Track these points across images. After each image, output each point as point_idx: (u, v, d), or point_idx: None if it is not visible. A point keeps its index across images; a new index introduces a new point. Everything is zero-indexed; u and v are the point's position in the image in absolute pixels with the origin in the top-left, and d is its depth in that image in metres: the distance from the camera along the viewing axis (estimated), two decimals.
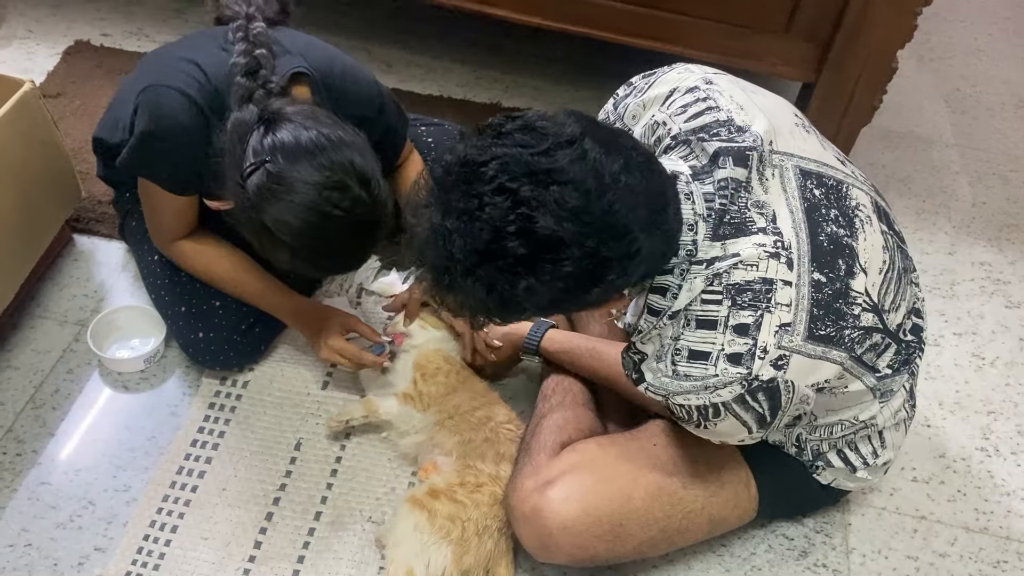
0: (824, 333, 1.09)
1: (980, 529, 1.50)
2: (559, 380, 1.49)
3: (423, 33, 2.29)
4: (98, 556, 1.33)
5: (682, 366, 1.10)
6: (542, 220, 0.92)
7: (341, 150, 1.22)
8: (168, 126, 1.33)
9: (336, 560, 1.36)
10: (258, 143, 1.22)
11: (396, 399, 1.46)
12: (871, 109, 1.97)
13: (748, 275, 1.07)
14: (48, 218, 1.64)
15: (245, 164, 1.22)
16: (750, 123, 1.14)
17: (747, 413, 1.11)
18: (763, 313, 1.06)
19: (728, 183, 1.09)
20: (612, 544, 1.25)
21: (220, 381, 1.56)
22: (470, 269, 0.96)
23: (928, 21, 2.34)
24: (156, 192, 1.42)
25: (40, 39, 2.18)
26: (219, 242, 1.50)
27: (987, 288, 1.91)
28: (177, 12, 2.29)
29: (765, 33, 1.91)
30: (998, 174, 2.20)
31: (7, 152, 1.46)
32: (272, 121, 1.24)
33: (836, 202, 1.15)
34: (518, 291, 0.96)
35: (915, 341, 1.25)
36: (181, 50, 1.40)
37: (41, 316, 1.62)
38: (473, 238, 0.94)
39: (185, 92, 1.32)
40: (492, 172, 0.93)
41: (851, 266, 1.12)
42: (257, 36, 1.32)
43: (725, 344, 1.07)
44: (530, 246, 0.93)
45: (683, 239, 1.08)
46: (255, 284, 1.50)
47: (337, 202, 1.20)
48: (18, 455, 1.44)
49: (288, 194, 1.20)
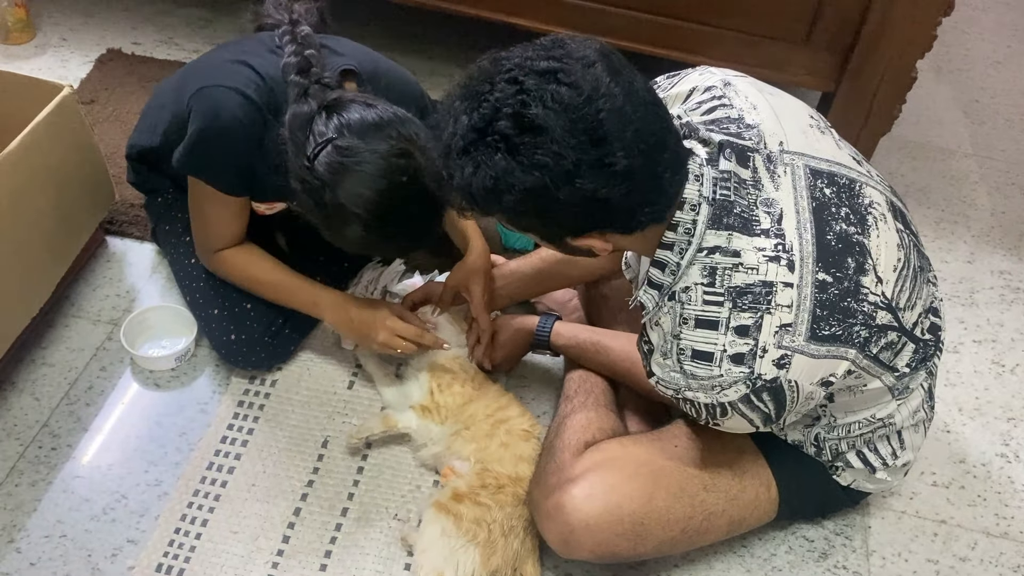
0: (828, 333, 1.10)
1: (1000, 534, 1.51)
2: (581, 381, 1.51)
3: (446, 43, 2.33)
4: (130, 548, 1.36)
5: (688, 366, 1.12)
6: (534, 107, 0.97)
7: (404, 124, 1.28)
8: (227, 123, 1.36)
9: (363, 555, 1.38)
10: (323, 125, 1.27)
11: (415, 412, 1.47)
12: (891, 119, 1.99)
13: (748, 278, 1.09)
14: (83, 220, 1.68)
15: (311, 146, 1.26)
16: (760, 122, 1.17)
17: (753, 412, 1.14)
18: (763, 315, 1.08)
19: (731, 176, 1.11)
20: (633, 542, 1.27)
21: (249, 380, 1.59)
22: (465, 148, 1.00)
23: (947, 33, 2.37)
24: (209, 198, 1.44)
25: (74, 47, 2.24)
26: (258, 249, 1.53)
27: (1007, 296, 1.92)
28: (207, 22, 2.34)
29: (785, 43, 1.93)
30: (1017, 184, 2.21)
31: (46, 155, 1.50)
32: (333, 106, 1.29)
33: (848, 200, 1.16)
34: (497, 170, 0.99)
35: (932, 340, 1.26)
36: (229, 54, 1.44)
37: (75, 315, 1.66)
38: (475, 117, 0.99)
39: (242, 91, 1.36)
40: (509, 66, 1.00)
41: (862, 264, 1.13)
42: (306, 38, 1.36)
43: (727, 345, 1.09)
44: (516, 127, 0.97)
45: (683, 216, 1.10)
46: (295, 283, 1.52)
47: (404, 169, 1.26)
48: (53, 449, 1.47)
49: (359, 165, 1.25)
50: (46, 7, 2.33)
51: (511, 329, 1.57)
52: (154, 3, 2.39)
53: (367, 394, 1.59)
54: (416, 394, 1.50)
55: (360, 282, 1.75)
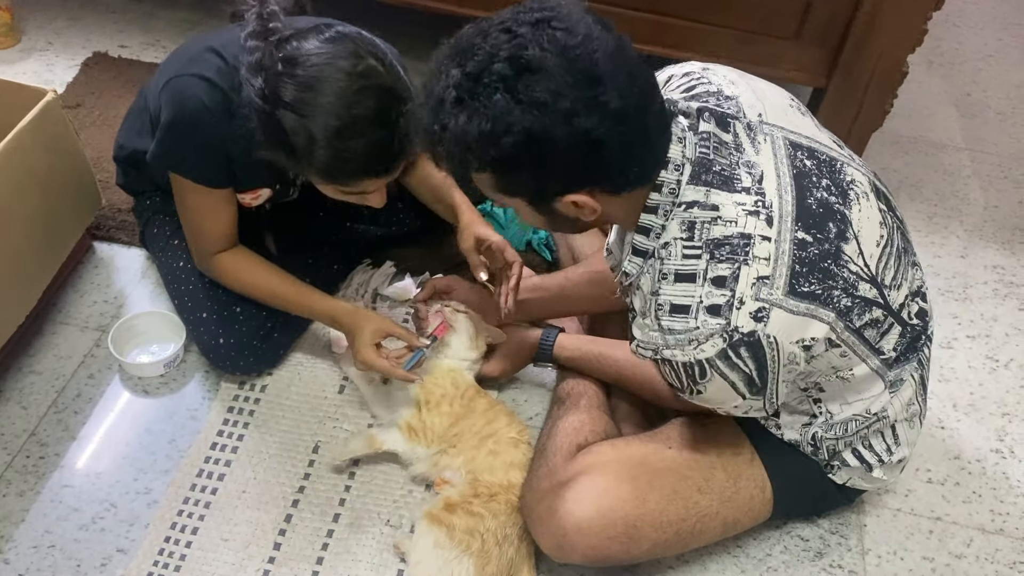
0: (808, 290, 1.09)
1: (996, 530, 1.50)
2: (574, 384, 1.50)
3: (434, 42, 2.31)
4: (120, 557, 1.35)
5: (665, 320, 1.11)
6: (531, 49, 0.98)
7: (360, 36, 1.27)
8: (192, 110, 1.34)
9: (354, 562, 1.37)
10: (273, 55, 1.25)
11: (400, 433, 1.44)
12: (882, 114, 1.98)
13: (727, 230, 1.09)
14: (69, 226, 1.67)
15: (262, 76, 1.24)
16: (738, 95, 1.18)
17: (733, 372, 1.11)
18: (740, 266, 1.08)
19: (711, 136, 1.11)
20: (626, 545, 1.26)
21: (239, 385, 1.58)
22: (459, 97, 1.00)
23: (938, 27, 2.36)
24: (191, 192, 1.43)
25: (59, 51, 2.22)
26: (256, 255, 1.52)
27: (1000, 291, 1.92)
28: (193, 24, 2.32)
29: (776, 39, 1.92)
30: (1010, 178, 2.21)
31: (30, 160, 1.49)
32: (284, 39, 1.27)
33: (829, 174, 1.16)
34: (496, 110, 0.98)
35: (920, 326, 1.25)
36: (199, 42, 1.42)
37: (63, 322, 1.65)
38: (470, 66, 0.99)
39: (204, 76, 1.34)
40: (501, 20, 1.01)
41: (843, 231, 1.12)
42: (271, 14, 1.32)
43: (704, 296, 1.08)
44: (514, 69, 0.98)
45: (668, 176, 1.10)
46: (292, 290, 1.50)
47: (354, 68, 1.23)
48: (41, 458, 1.46)
49: (309, 72, 1.22)
50: (31, 11, 2.31)
51: (513, 342, 1.56)
52: (140, 6, 2.37)
53: (358, 398, 1.58)
54: (406, 407, 1.47)
55: (351, 285, 1.74)
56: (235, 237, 1.51)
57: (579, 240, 1.68)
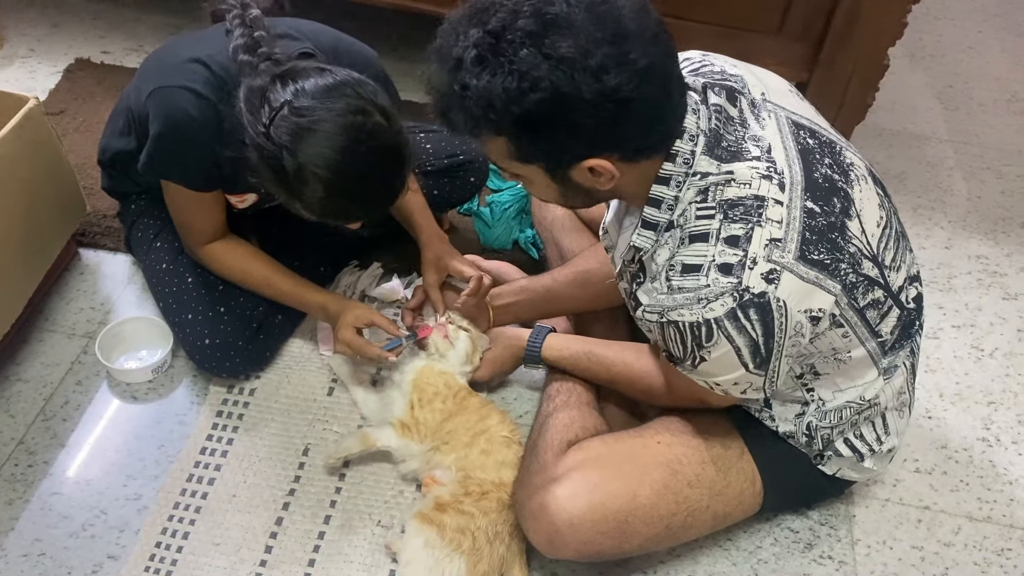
0: (817, 258, 1.09)
1: (983, 518, 1.52)
2: (563, 381, 1.50)
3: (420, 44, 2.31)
4: (111, 564, 1.35)
5: (676, 280, 1.11)
6: (557, 5, 0.96)
7: (361, 85, 1.27)
8: (181, 123, 1.36)
9: (347, 563, 1.37)
10: (278, 92, 1.25)
11: (393, 430, 1.45)
12: (864, 107, 1.99)
13: (741, 192, 1.09)
14: (54, 233, 1.66)
15: (266, 113, 1.25)
16: (741, 74, 1.19)
17: (740, 336, 1.10)
18: (754, 226, 1.08)
19: (721, 110, 1.12)
20: (618, 540, 1.27)
21: (227, 389, 1.58)
22: (480, 56, 0.98)
23: (919, 20, 2.37)
24: (180, 193, 1.45)
25: (41, 57, 2.21)
26: (248, 244, 1.55)
27: (984, 281, 1.93)
28: (176, 28, 2.31)
29: (757, 34, 1.93)
30: (992, 168, 2.22)
31: (13, 168, 1.48)
32: (287, 75, 1.27)
33: (830, 155, 1.18)
34: (524, 65, 0.96)
35: (916, 311, 1.27)
36: (182, 49, 1.42)
37: (49, 329, 1.64)
38: (493, 23, 0.97)
39: (192, 88, 1.35)
40: None
41: (847, 208, 1.13)
42: (254, 20, 1.34)
43: (716, 255, 1.08)
44: (540, 24, 0.96)
45: (682, 146, 1.10)
46: (285, 280, 1.54)
47: (363, 126, 1.24)
48: (30, 466, 1.45)
49: (317, 124, 1.23)
50: (13, 17, 2.30)
51: (501, 345, 1.56)
52: (122, 11, 2.37)
53: (347, 400, 1.58)
54: (397, 404, 1.48)
55: (338, 286, 1.74)
56: (225, 228, 1.54)
57: (567, 238, 1.68)
